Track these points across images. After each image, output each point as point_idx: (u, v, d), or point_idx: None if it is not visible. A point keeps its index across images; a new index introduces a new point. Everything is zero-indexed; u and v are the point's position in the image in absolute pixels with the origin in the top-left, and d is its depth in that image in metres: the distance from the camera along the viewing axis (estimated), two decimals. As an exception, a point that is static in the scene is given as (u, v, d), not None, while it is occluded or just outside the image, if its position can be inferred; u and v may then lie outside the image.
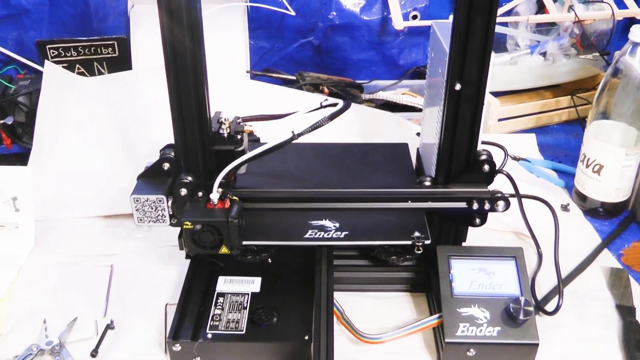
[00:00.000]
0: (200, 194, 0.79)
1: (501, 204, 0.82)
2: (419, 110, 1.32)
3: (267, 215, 0.86)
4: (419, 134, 1.01)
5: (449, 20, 0.75)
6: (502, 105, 1.33)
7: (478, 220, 0.84)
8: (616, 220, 1.07)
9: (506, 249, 0.84)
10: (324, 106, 0.83)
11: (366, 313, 0.86)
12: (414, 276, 0.89)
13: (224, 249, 0.78)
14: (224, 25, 1.38)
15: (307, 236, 0.83)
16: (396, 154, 1.00)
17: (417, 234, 0.83)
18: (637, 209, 1.07)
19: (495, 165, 0.82)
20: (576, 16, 1.32)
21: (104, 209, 1.05)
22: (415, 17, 1.44)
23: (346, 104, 0.80)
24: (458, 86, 0.76)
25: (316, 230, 0.83)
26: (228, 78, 1.28)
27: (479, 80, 0.76)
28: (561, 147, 1.31)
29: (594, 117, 1.03)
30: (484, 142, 0.85)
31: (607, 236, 1.03)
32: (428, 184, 0.84)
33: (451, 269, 0.82)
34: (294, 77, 1.41)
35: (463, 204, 0.82)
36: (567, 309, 0.87)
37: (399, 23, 1.33)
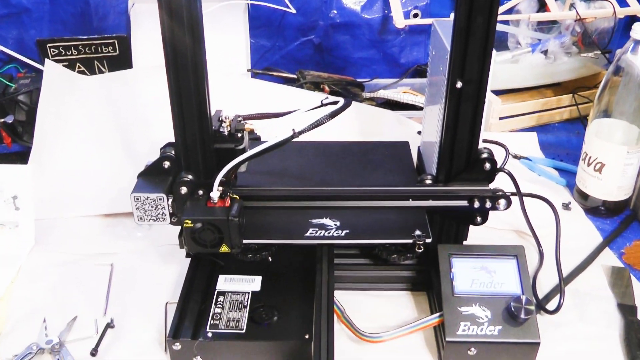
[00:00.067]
0: (201, 192, 0.79)
1: (502, 202, 0.81)
2: (419, 109, 1.32)
3: (267, 214, 0.86)
4: (419, 132, 1.00)
5: (450, 19, 0.75)
6: (503, 104, 1.33)
7: (479, 218, 0.83)
8: (617, 219, 1.07)
9: (507, 248, 0.84)
10: (325, 104, 0.82)
11: (367, 312, 0.85)
12: (415, 275, 0.89)
13: (225, 248, 0.77)
14: (225, 23, 1.38)
15: (307, 235, 0.83)
16: (397, 152, 1.00)
17: (418, 232, 0.82)
18: (639, 207, 1.06)
19: (496, 164, 0.81)
20: (577, 14, 1.32)
21: (104, 208, 1.05)
22: (416, 15, 1.44)
23: (347, 102, 0.79)
24: (459, 84, 0.76)
25: (317, 229, 0.83)
26: (229, 76, 1.27)
27: (480, 78, 0.75)
28: (562, 145, 1.30)
29: (595, 115, 1.03)
30: (485, 141, 0.84)
31: (609, 235, 1.03)
32: (429, 182, 0.84)
33: (452, 267, 0.82)
34: (294, 76, 1.41)
35: (464, 203, 0.82)
36: (568, 307, 0.87)
37: (399, 21, 1.33)
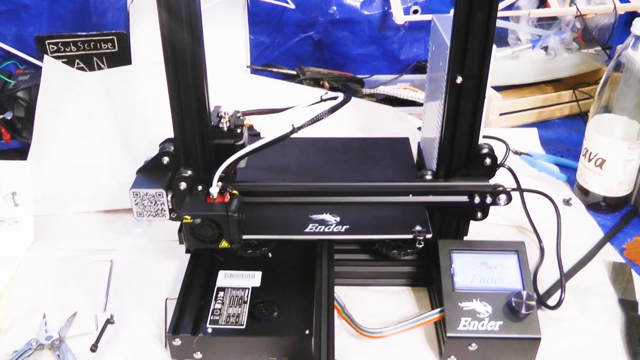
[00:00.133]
0: (200, 188, 0.79)
1: (503, 197, 0.81)
2: (419, 105, 1.32)
3: (267, 209, 0.85)
4: (419, 128, 1.00)
5: (450, 15, 0.74)
6: (503, 100, 1.32)
7: (480, 214, 0.83)
8: (618, 215, 1.06)
9: (508, 243, 0.84)
10: (324, 100, 0.82)
11: (367, 307, 0.85)
12: (415, 270, 0.89)
13: (224, 243, 0.77)
14: (224, 20, 1.38)
15: (307, 230, 0.82)
16: (397, 148, 1.00)
17: (418, 228, 0.82)
18: (640, 203, 1.06)
19: (496, 159, 0.81)
20: (578, 10, 1.31)
21: (103, 204, 1.05)
22: (416, 11, 1.44)
23: (346, 98, 0.79)
24: (459, 79, 0.75)
25: (317, 225, 0.83)
26: (228, 72, 1.27)
27: (480, 73, 0.75)
28: (563, 141, 1.30)
29: (596, 111, 1.03)
30: (485, 137, 0.84)
31: (610, 230, 1.02)
32: (429, 177, 0.84)
33: (453, 263, 0.81)
34: (294, 72, 1.41)
35: (464, 198, 0.82)
36: (569, 303, 0.86)
37: (399, 17, 1.32)
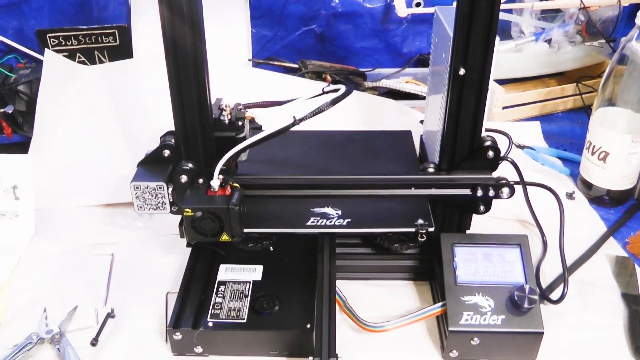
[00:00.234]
0: (201, 181, 0.79)
1: (506, 190, 0.81)
2: (422, 98, 1.31)
3: (268, 203, 0.85)
4: (422, 121, 1.00)
5: (453, 6, 0.74)
6: (506, 93, 1.32)
7: (482, 207, 0.83)
8: (622, 209, 1.06)
9: (511, 237, 0.83)
10: (326, 92, 0.82)
11: (369, 301, 0.85)
12: (418, 264, 0.89)
13: (225, 237, 0.77)
14: (226, 13, 1.37)
15: (309, 224, 0.82)
16: (399, 141, 0.99)
17: (420, 221, 0.82)
18: (643, 197, 1.06)
19: (499, 151, 0.81)
20: (582, 3, 1.30)
21: (104, 198, 1.04)
22: (418, 4, 1.43)
23: (348, 89, 0.79)
24: (462, 71, 0.75)
25: (318, 218, 0.82)
26: (230, 66, 1.27)
27: (483, 65, 0.75)
28: (566, 135, 1.29)
29: (599, 104, 1.02)
30: (488, 130, 0.84)
31: (613, 224, 1.02)
32: (432, 170, 0.83)
33: (455, 256, 0.81)
34: (296, 66, 1.41)
35: (467, 191, 0.82)
36: (572, 297, 0.86)
37: (402, 10, 1.32)
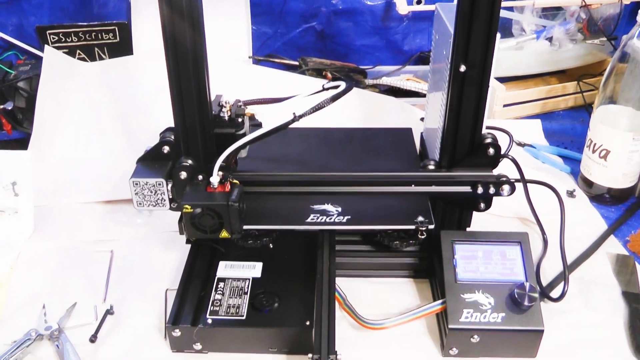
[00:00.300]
0: (201, 177, 0.79)
1: (506, 188, 0.80)
2: (422, 96, 1.31)
3: (268, 199, 0.85)
4: (422, 119, 1.00)
5: (454, 3, 0.73)
6: (507, 91, 1.31)
7: (482, 204, 0.83)
8: (622, 207, 1.06)
9: (511, 234, 0.83)
10: (326, 89, 0.82)
11: (368, 299, 0.85)
12: (418, 261, 0.88)
13: (225, 233, 0.77)
14: (226, 10, 1.37)
15: (309, 220, 0.82)
16: (400, 138, 0.99)
17: (420, 218, 0.81)
18: (644, 195, 1.05)
19: (500, 148, 0.80)
20: (583, 0, 1.30)
21: (104, 194, 1.04)
22: (419, 2, 1.42)
23: (348, 86, 0.78)
24: (463, 68, 0.75)
25: (318, 215, 0.82)
26: (230, 63, 1.26)
27: (483, 62, 0.74)
28: (567, 133, 1.29)
29: (600, 102, 1.02)
30: (488, 127, 0.84)
31: (614, 222, 1.02)
32: (432, 167, 0.83)
33: (455, 254, 0.81)
34: (296, 63, 1.40)
35: (467, 188, 0.81)
36: (573, 295, 0.86)
37: (403, 8, 1.32)
